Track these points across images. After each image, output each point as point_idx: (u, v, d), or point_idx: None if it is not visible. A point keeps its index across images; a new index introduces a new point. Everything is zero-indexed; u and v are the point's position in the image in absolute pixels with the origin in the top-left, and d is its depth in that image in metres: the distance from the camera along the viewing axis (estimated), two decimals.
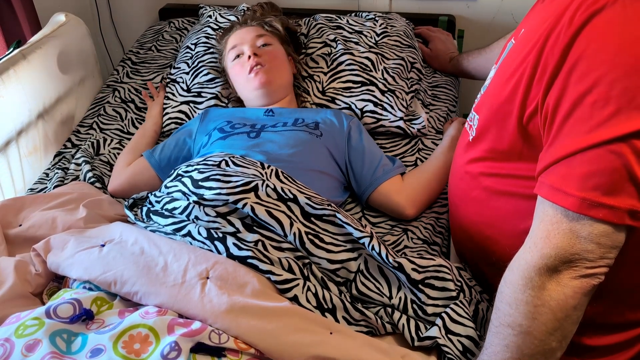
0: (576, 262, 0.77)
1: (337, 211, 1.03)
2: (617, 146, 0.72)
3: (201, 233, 0.99)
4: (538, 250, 0.78)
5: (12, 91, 1.36)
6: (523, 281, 0.79)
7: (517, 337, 0.80)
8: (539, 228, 0.79)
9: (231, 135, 1.29)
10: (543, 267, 0.77)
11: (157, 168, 1.34)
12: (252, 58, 1.39)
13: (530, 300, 0.78)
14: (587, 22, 0.75)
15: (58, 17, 1.63)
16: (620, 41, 0.72)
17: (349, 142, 1.32)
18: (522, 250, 0.81)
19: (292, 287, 0.93)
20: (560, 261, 0.77)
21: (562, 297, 0.77)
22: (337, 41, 1.58)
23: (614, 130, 0.72)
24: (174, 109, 1.54)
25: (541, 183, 0.80)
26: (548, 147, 0.80)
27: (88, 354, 0.79)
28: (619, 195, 0.74)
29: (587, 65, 0.74)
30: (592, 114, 0.74)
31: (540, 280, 0.78)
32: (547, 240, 0.77)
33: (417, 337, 0.96)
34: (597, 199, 0.74)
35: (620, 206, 0.74)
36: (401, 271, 0.98)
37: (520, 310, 0.79)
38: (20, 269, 0.99)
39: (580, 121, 0.75)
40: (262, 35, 1.45)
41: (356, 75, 1.50)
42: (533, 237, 0.80)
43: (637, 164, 0.73)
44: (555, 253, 0.76)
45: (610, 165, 0.73)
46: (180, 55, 1.68)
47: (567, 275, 0.77)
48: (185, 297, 0.87)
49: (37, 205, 1.16)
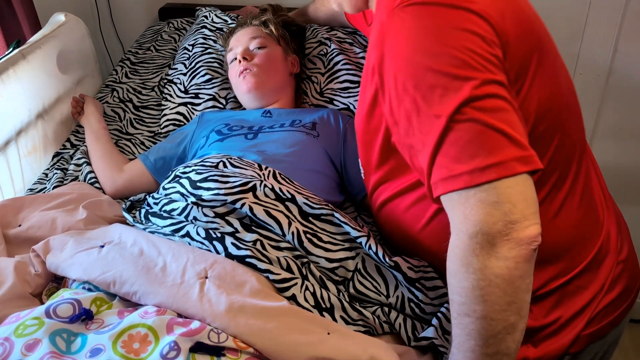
0: (505, 231, 0.76)
1: (334, 211, 1.04)
2: (461, 114, 0.76)
3: (200, 233, 0.99)
4: (464, 233, 0.78)
5: (12, 91, 1.36)
6: (464, 268, 0.78)
7: (476, 323, 0.79)
8: (454, 214, 0.79)
9: (229, 137, 1.30)
10: (477, 247, 0.77)
11: (152, 170, 1.34)
12: (241, 62, 1.41)
13: (476, 284, 0.78)
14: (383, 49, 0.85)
15: (58, 17, 1.63)
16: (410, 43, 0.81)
17: (344, 143, 1.33)
18: (451, 241, 0.81)
19: (290, 286, 0.94)
20: (489, 234, 0.76)
21: (506, 271, 0.76)
22: (330, 40, 1.57)
23: (450, 104, 0.77)
24: (172, 111, 1.54)
25: (434, 185, 0.81)
26: (417, 158, 0.84)
27: (87, 353, 0.79)
28: (497, 151, 0.76)
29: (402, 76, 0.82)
30: (428, 105, 0.79)
31: (479, 262, 0.77)
32: (466, 221, 0.77)
33: (413, 337, 0.96)
34: (482, 164, 0.75)
35: (505, 159, 0.76)
36: (397, 270, 0.98)
37: (470, 297, 0.79)
38: (19, 270, 0.99)
39: (426, 117, 0.80)
40: (257, 37, 1.46)
41: (353, 75, 1.50)
42: (454, 225, 0.80)
43: (491, 117, 0.76)
44: (479, 228, 0.76)
45: (472, 131, 0.76)
46: (178, 56, 1.68)
47: (504, 247, 0.76)
48: (184, 296, 0.87)
49: (37, 206, 1.16)
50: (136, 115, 1.60)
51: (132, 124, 1.58)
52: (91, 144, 1.43)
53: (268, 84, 1.42)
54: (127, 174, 1.34)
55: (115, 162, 1.37)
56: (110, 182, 1.33)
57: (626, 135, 1.88)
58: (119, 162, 1.38)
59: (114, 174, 1.34)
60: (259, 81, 1.40)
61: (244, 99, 1.45)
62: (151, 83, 1.70)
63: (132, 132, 1.55)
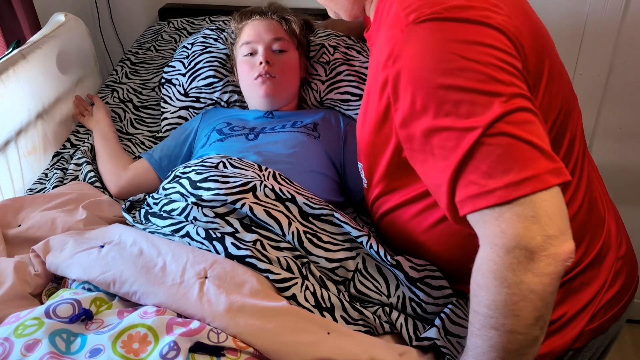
0: (544, 246, 0.75)
1: (335, 211, 1.04)
2: (493, 128, 0.76)
3: (199, 233, 0.99)
4: (500, 248, 0.77)
5: (12, 91, 1.36)
6: (497, 282, 0.78)
7: (502, 337, 0.79)
8: (487, 229, 0.78)
9: (229, 137, 1.30)
10: (514, 262, 0.76)
11: (158, 169, 1.34)
12: (264, 65, 1.35)
13: (509, 299, 0.77)
14: (399, 65, 0.84)
15: (58, 17, 1.63)
16: (431, 59, 0.80)
17: (344, 145, 1.32)
18: (483, 255, 0.80)
19: (290, 286, 0.94)
20: (528, 249, 0.75)
21: (541, 287, 0.76)
22: (336, 48, 1.52)
23: (482, 119, 0.76)
24: (173, 115, 1.53)
25: (461, 203, 0.79)
26: (437, 173, 0.82)
27: (87, 354, 0.79)
28: (530, 164, 0.75)
29: (423, 92, 0.80)
30: (454, 120, 0.78)
31: (515, 276, 0.76)
32: (503, 236, 0.76)
33: (414, 337, 0.96)
34: (516, 178, 0.75)
35: (539, 172, 0.75)
36: (399, 269, 0.98)
37: (502, 311, 0.78)
38: (19, 270, 0.99)
39: (452, 132, 0.78)
40: (279, 38, 1.40)
41: (355, 87, 1.46)
42: (487, 239, 0.79)
43: (521, 131, 0.76)
44: (517, 243, 0.75)
45: (504, 145, 0.76)
46: (176, 54, 1.65)
47: (542, 263, 0.76)
48: (183, 296, 0.87)
49: (37, 206, 1.16)
50: (136, 116, 1.60)
51: (132, 124, 1.58)
52: (100, 145, 1.43)
53: (285, 92, 1.39)
54: (131, 172, 1.34)
55: (122, 161, 1.38)
56: (115, 179, 1.33)
57: (626, 136, 1.88)
58: (126, 162, 1.38)
59: (119, 172, 1.35)
60: (278, 89, 1.37)
61: (256, 100, 1.40)
62: (151, 83, 1.70)
63: (132, 132, 1.55)
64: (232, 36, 1.51)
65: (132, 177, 1.34)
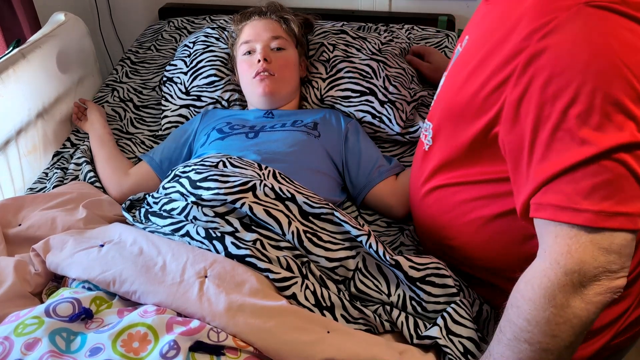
0: (600, 276, 0.75)
1: (334, 210, 1.03)
2: (615, 153, 0.73)
3: (199, 233, 0.99)
4: (561, 267, 0.76)
5: (12, 90, 1.36)
6: (545, 299, 0.77)
7: (534, 353, 0.78)
8: (555, 244, 0.76)
9: (229, 135, 1.30)
10: (568, 284, 0.75)
11: (159, 172, 1.34)
12: (262, 63, 1.35)
13: (552, 318, 0.77)
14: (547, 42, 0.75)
15: (57, 17, 1.63)
16: (590, 50, 0.73)
17: (345, 144, 1.32)
18: (539, 267, 0.79)
19: (290, 285, 0.94)
20: (585, 276, 0.75)
21: (585, 314, 0.76)
22: (335, 46, 1.53)
23: (608, 139, 0.72)
24: (174, 113, 1.53)
25: (539, 205, 0.77)
26: (532, 166, 0.79)
27: (87, 352, 0.79)
28: (630, 201, 0.74)
29: (562, 81, 0.74)
30: (579, 125, 0.74)
31: (565, 298, 0.76)
32: (569, 256, 0.75)
33: (415, 335, 0.96)
34: (611, 209, 0.73)
35: (634, 212, 0.74)
36: (398, 269, 0.98)
37: (541, 329, 0.77)
38: (19, 269, 0.99)
39: (569, 135, 0.74)
40: (278, 37, 1.40)
41: (355, 83, 1.46)
42: (552, 253, 0.77)
43: (639, 166, 0.73)
44: (579, 268, 0.74)
45: (616, 173, 0.73)
46: (178, 52, 1.66)
47: (592, 291, 0.75)
48: (183, 295, 0.87)
49: (37, 205, 1.16)
50: (137, 115, 1.60)
51: (132, 123, 1.58)
52: (96, 149, 1.42)
53: (283, 90, 1.39)
54: (133, 178, 1.34)
55: (121, 166, 1.37)
56: (117, 186, 1.32)
57: None
58: (125, 166, 1.37)
59: (120, 178, 1.33)
60: (276, 87, 1.37)
61: (254, 99, 1.41)
62: (152, 83, 1.70)
63: (132, 132, 1.55)
64: (232, 36, 1.52)
65: (134, 183, 1.32)
